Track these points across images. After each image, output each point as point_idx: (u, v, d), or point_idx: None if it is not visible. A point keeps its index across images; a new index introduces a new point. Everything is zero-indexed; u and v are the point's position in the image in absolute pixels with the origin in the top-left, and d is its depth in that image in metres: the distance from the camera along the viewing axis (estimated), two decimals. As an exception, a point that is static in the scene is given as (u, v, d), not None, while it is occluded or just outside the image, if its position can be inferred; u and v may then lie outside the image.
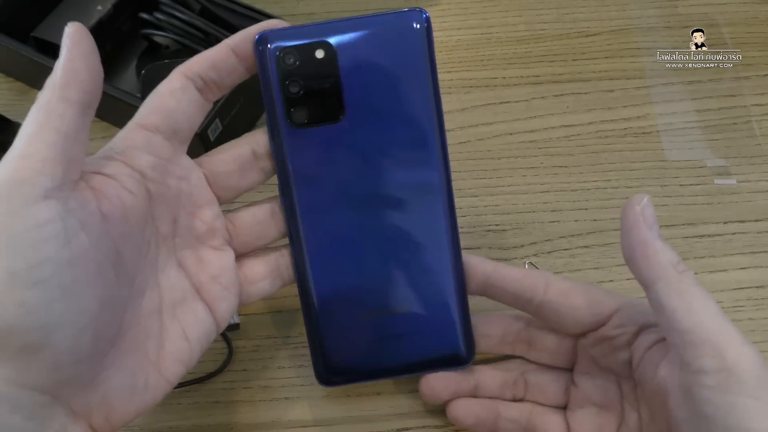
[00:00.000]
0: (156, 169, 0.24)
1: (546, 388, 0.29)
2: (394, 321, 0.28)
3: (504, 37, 0.42)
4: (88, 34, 0.22)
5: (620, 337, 0.26)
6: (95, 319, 0.21)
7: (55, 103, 0.20)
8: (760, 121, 0.39)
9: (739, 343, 0.21)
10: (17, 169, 0.19)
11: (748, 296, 0.34)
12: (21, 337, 0.19)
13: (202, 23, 0.35)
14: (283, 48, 0.25)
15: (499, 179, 0.37)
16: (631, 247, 0.24)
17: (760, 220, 0.36)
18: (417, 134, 0.26)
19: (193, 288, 0.26)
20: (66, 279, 0.19)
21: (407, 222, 0.27)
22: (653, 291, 0.23)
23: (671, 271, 0.23)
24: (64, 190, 0.20)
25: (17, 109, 0.40)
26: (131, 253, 0.23)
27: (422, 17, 0.25)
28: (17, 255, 0.19)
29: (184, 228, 0.26)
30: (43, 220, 0.19)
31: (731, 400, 0.21)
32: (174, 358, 0.25)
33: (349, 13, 0.43)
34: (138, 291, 0.24)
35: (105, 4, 0.38)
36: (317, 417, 0.31)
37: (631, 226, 0.24)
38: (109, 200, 0.22)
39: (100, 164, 0.23)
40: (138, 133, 0.24)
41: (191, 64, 0.25)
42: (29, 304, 0.19)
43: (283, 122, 0.26)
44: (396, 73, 0.26)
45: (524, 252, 0.35)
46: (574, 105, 0.40)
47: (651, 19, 0.43)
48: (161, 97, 0.24)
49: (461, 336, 0.28)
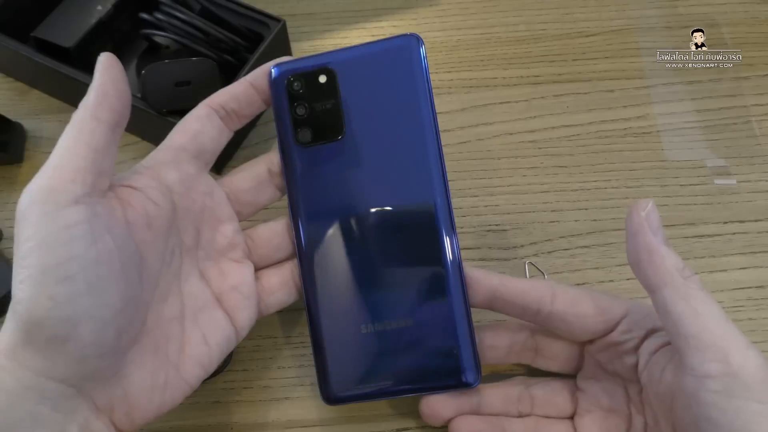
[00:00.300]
0: (182, 184, 0.27)
1: (553, 398, 0.29)
2: (399, 340, 0.27)
3: (504, 37, 0.42)
4: (117, 62, 0.24)
5: (628, 342, 0.26)
6: (118, 315, 0.22)
7: (87, 121, 0.23)
8: (760, 121, 0.39)
9: (744, 348, 0.22)
10: (51, 178, 0.21)
11: (748, 296, 0.34)
12: (49, 329, 0.20)
13: (202, 23, 0.35)
14: (291, 75, 0.28)
15: (499, 179, 0.37)
16: (636, 252, 0.24)
17: (759, 220, 0.36)
18: (415, 150, 0.27)
19: (214, 297, 0.28)
20: (92, 276, 0.21)
21: (407, 238, 0.27)
22: (659, 296, 0.23)
23: (677, 277, 0.23)
24: (92, 197, 0.22)
25: (17, 109, 0.40)
26: (155, 260, 0.25)
27: (415, 42, 0.27)
28: (49, 253, 0.21)
29: (207, 241, 0.28)
30: (72, 222, 0.21)
31: (737, 405, 0.21)
32: (194, 361, 0.26)
33: (348, 12, 0.43)
34: (161, 296, 0.26)
35: (105, 4, 0.38)
36: (317, 417, 0.31)
37: (636, 231, 0.24)
38: (134, 209, 0.24)
39: (129, 178, 0.25)
40: (166, 152, 0.27)
41: (214, 96, 0.28)
42: (58, 298, 0.20)
43: (291, 142, 0.28)
44: (393, 93, 0.28)
45: (524, 252, 0.35)
46: (574, 105, 0.40)
47: (651, 19, 0.43)
48: (187, 121, 0.28)
49: (467, 357, 0.27)
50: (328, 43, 0.42)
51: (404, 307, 0.27)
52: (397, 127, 0.28)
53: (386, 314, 0.27)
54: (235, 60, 0.36)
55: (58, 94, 0.40)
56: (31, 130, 0.39)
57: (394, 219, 0.28)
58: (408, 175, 0.27)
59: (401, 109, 0.27)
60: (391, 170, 0.28)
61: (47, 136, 0.39)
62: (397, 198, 0.28)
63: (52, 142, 0.39)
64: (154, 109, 0.33)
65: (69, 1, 0.38)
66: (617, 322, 0.27)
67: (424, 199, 0.27)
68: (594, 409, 0.28)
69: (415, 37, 0.27)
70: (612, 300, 0.27)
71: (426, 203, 0.27)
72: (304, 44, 0.42)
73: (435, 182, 0.27)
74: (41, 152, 0.39)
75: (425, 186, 0.27)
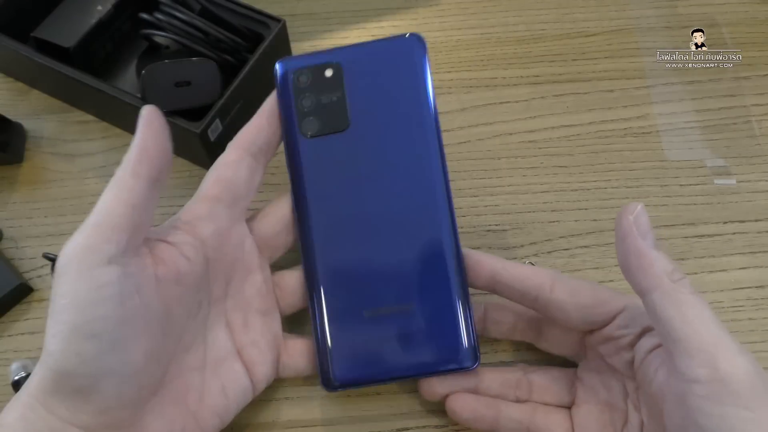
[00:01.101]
0: (216, 238, 0.27)
1: (552, 386, 0.29)
2: (399, 325, 0.28)
3: (504, 37, 0.42)
4: (159, 116, 0.25)
5: (624, 338, 0.26)
6: (140, 371, 0.23)
7: (126, 178, 0.23)
8: (759, 121, 0.39)
9: (733, 354, 0.21)
10: (88, 236, 0.22)
11: (747, 296, 0.34)
12: (76, 382, 0.22)
13: (202, 23, 0.35)
14: (298, 69, 0.29)
15: (499, 179, 0.37)
16: (625, 256, 0.24)
17: (759, 220, 0.36)
18: (416, 142, 0.28)
19: (236, 349, 0.28)
20: (117, 334, 0.22)
21: (407, 225, 0.28)
22: (648, 300, 0.23)
23: (666, 281, 0.23)
24: (126, 256, 0.23)
25: (17, 109, 0.40)
26: (181, 313, 0.26)
27: (418, 41, 0.28)
28: (80, 311, 0.22)
29: (236, 290, 0.29)
30: (103, 283, 0.22)
31: (723, 411, 0.21)
32: (212, 411, 0.27)
33: (348, 12, 0.43)
34: (184, 346, 0.27)
35: (105, 4, 0.38)
36: (317, 417, 0.31)
37: (624, 235, 0.24)
38: (166, 265, 0.25)
39: (166, 232, 0.26)
40: (202, 204, 0.27)
41: (242, 136, 0.28)
42: (84, 354, 0.22)
43: (297, 135, 0.29)
44: (396, 89, 0.28)
45: (524, 252, 0.35)
46: (574, 105, 0.40)
47: (651, 19, 0.43)
48: (220, 169, 0.28)
49: (465, 340, 0.28)
50: (328, 43, 0.42)
51: (403, 292, 0.28)
52: (400, 120, 0.28)
53: (386, 299, 0.28)
54: (235, 60, 0.36)
55: (58, 94, 0.40)
56: (31, 130, 0.39)
57: (394, 207, 0.28)
58: (409, 164, 0.28)
59: (404, 103, 0.28)
60: (393, 161, 0.28)
61: (47, 136, 0.39)
62: (398, 187, 0.28)
63: (52, 142, 0.39)
64: (154, 109, 0.33)
65: (69, 1, 0.38)
66: (614, 316, 0.27)
67: (424, 186, 0.28)
68: (591, 401, 0.28)
69: (417, 36, 0.29)
70: (612, 294, 0.27)
71: (426, 191, 0.28)
72: (304, 44, 0.42)
73: (435, 171, 0.28)
74: (41, 152, 0.39)
75: (426, 174, 0.28)
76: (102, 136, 0.39)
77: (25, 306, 0.34)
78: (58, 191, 0.37)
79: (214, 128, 0.34)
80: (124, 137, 0.39)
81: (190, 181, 0.37)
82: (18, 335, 0.33)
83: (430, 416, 0.31)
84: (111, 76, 0.39)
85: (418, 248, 0.28)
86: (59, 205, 0.37)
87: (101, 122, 0.40)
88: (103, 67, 0.39)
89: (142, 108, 0.25)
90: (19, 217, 0.36)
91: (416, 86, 0.28)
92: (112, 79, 0.39)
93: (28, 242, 0.36)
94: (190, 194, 0.27)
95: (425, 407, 0.31)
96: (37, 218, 0.36)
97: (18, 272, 0.34)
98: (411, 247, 0.28)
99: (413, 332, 0.28)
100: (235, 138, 0.29)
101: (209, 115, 0.33)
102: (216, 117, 0.34)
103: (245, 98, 0.36)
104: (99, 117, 0.40)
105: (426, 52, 0.29)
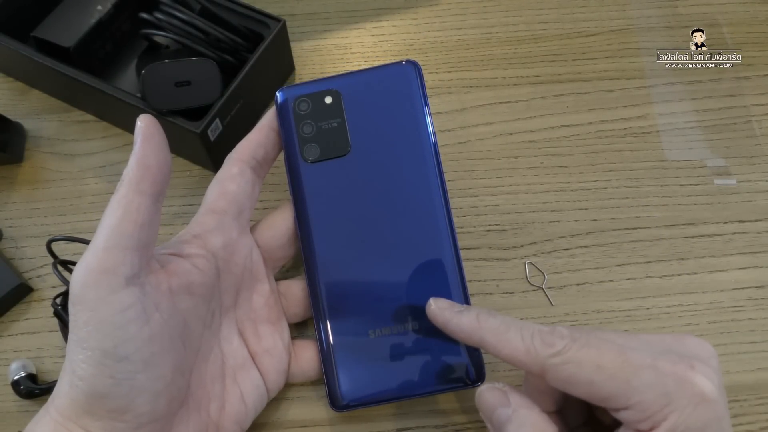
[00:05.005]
0: (226, 249, 0.28)
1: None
2: (404, 345, 0.28)
3: (504, 37, 0.42)
4: (158, 127, 0.25)
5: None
6: (169, 385, 0.24)
7: (131, 197, 0.23)
8: (760, 121, 0.39)
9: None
10: (102, 260, 0.22)
11: (748, 296, 0.34)
12: (110, 403, 0.22)
13: (202, 23, 0.35)
14: (299, 97, 0.30)
15: (499, 179, 0.37)
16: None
17: (759, 220, 0.36)
18: (415, 164, 0.29)
19: (251, 356, 0.29)
20: (146, 353, 0.23)
21: (409, 245, 0.29)
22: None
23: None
24: (141, 276, 0.23)
25: (17, 109, 0.40)
26: (197, 324, 0.26)
27: (414, 67, 0.29)
28: (107, 336, 0.22)
29: (245, 300, 0.29)
30: (126, 305, 0.22)
31: None
32: (232, 419, 0.27)
33: (348, 12, 0.43)
34: (203, 357, 0.27)
35: (105, 4, 0.38)
36: (317, 417, 0.31)
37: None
38: (179, 277, 0.25)
39: (177, 247, 0.27)
40: (210, 217, 0.28)
41: (241, 149, 0.29)
42: (117, 377, 0.22)
43: (299, 160, 0.29)
44: (394, 113, 0.29)
45: (524, 252, 0.35)
46: (574, 105, 0.40)
47: (651, 19, 0.43)
48: (223, 182, 0.28)
49: (470, 358, 0.28)
50: (328, 43, 0.42)
51: (407, 313, 0.28)
52: (399, 143, 0.29)
53: (390, 320, 0.29)
54: (235, 60, 0.36)
55: (58, 94, 0.40)
56: (31, 130, 0.39)
57: (396, 229, 0.29)
58: (410, 187, 0.29)
59: (402, 127, 0.29)
60: (394, 184, 0.29)
61: (47, 136, 0.39)
62: (399, 209, 0.29)
63: (52, 142, 0.39)
64: (154, 109, 0.33)
65: (69, 1, 0.38)
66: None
67: (424, 208, 0.29)
68: None
69: (412, 62, 0.30)
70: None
71: (426, 212, 0.29)
72: (304, 44, 0.42)
73: (434, 192, 0.29)
74: (41, 152, 0.39)
75: (426, 196, 0.29)
76: (102, 135, 0.39)
77: (25, 306, 0.34)
78: (57, 191, 0.37)
79: (214, 128, 0.34)
80: (124, 137, 0.39)
81: (189, 181, 0.37)
82: (18, 335, 0.33)
83: (429, 416, 0.31)
84: (111, 76, 0.39)
85: (419, 269, 0.29)
86: (59, 204, 0.37)
87: (101, 122, 0.40)
88: (103, 67, 0.39)
89: (139, 118, 0.24)
90: (19, 216, 0.36)
91: (413, 110, 0.29)
92: (112, 79, 0.39)
93: (27, 242, 0.36)
94: (190, 194, 0.27)
95: (425, 407, 0.31)
96: (37, 218, 0.36)
97: (18, 272, 0.34)
98: (413, 268, 0.29)
99: (418, 352, 0.28)
100: (234, 151, 0.29)
101: (209, 115, 0.33)
102: (216, 117, 0.34)
103: (245, 98, 0.36)
104: (99, 117, 0.40)
105: (421, 77, 0.30)
